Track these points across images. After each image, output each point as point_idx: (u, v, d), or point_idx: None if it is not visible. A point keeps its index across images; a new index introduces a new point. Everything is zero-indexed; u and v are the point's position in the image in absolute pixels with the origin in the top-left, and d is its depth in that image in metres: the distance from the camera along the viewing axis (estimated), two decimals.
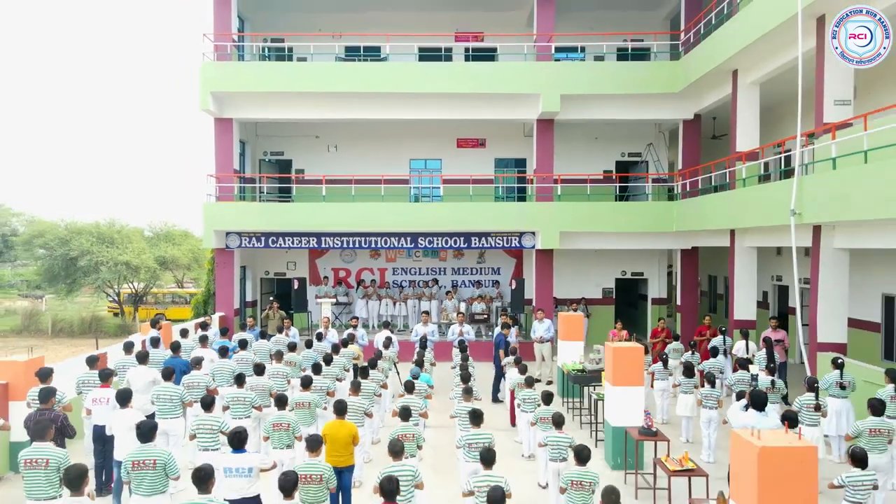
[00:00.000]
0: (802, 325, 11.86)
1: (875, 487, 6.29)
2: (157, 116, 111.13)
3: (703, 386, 9.99)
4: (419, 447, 7.71)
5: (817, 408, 8.55)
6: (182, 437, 8.58)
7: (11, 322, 43.17)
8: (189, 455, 8.87)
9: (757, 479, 4.94)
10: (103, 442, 8.30)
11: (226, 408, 8.87)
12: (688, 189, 17.42)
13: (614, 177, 20.02)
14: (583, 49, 19.95)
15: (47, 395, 7.55)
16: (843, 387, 9.53)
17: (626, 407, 9.32)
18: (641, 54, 19.62)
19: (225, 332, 13.12)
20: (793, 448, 4.98)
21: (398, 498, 5.39)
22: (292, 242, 18.54)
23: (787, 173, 12.55)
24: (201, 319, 15.14)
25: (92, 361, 9.63)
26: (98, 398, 8.47)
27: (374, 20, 20.13)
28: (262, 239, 18.28)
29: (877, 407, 7.52)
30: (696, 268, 18.79)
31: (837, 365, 9.73)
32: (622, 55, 19.58)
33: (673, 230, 17.52)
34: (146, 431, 6.20)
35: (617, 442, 9.40)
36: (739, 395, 8.70)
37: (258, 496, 6.16)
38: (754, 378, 9.63)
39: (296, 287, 19.38)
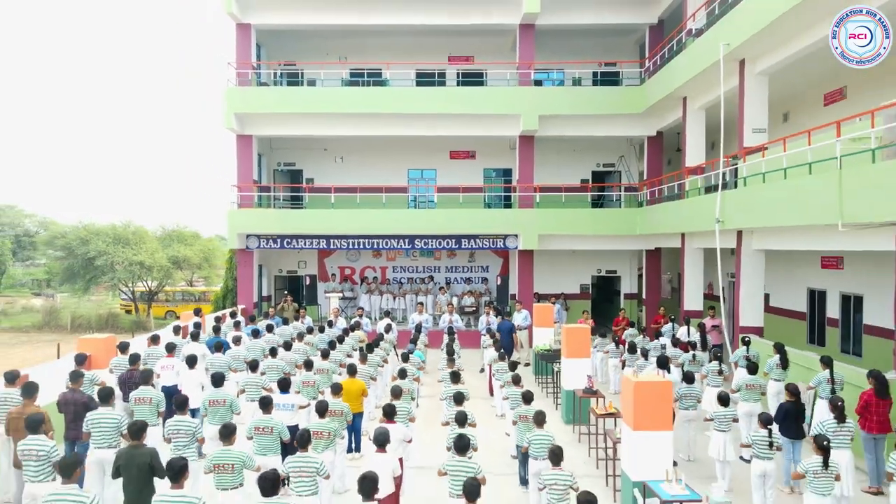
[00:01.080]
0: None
1: (735, 420, 8.82)
2: (164, 123, 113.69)
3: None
4: (412, 399, 10.26)
5: (720, 372, 11.11)
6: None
7: (30, 319, 45.49)
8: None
9: (633, 402, 7.50)
10: (169, 397, 10.83)
11: (263, 373, 11.39)
12: (647, 197, 19.96)
13: (588, 186, 22.54)
14: (561, 70, 22.53)
15: (135, 360, 10.13)
16: (748, 359, 12.05)
17: (575, 374, 11.87)
18: (613, 79, 22.16)
19: (253, 319, 15.69)
20: (655, 382, 7.54)
21: (396, 418, 7.94)
22: (304, 244, 21.10)
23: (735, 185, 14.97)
24: (231, 310, 17.71)
25: (155, 339, 12.19)
26: (165, 365, 11.02)
27: (377, 45, 22.67)
28: (278, 241, 20.82)
29: (751, 368, 10.09)
30: (659, 266, 21.36)
31: (745, 342, 12.29)
32: (596, 80, 22.14)
33: (637, 233, 20.06)
34: (218, 379, 8.80)
35: (568, 401, 11.97)
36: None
37: (297, 424, 8.70)
38: (663, 347, 12.17)
39: (307, 283, 21.99)
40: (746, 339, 12.36)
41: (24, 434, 7.12)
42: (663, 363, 9.97)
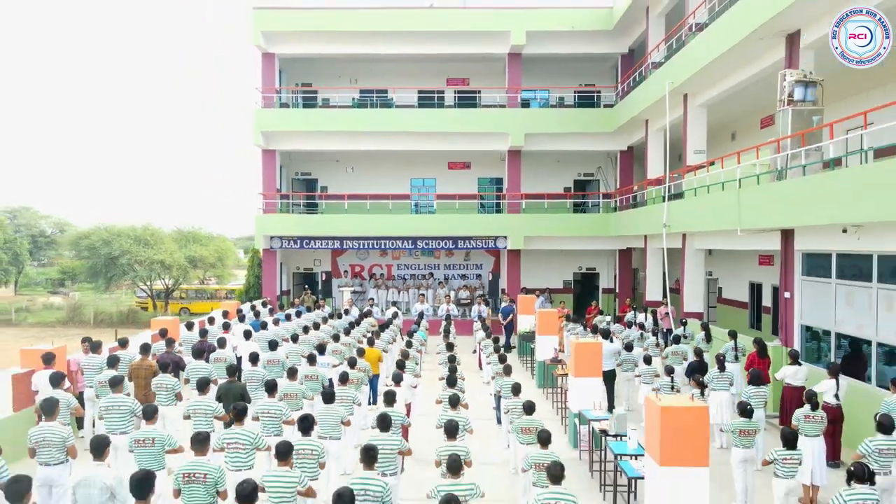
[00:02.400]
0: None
1: (657, 376, 11.88)
2: (164, 124, 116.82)
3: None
4: (416, 364, 13.33)
5: (657, 345, 14.19)
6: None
7: (53, 315, 48.27)
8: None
9: (574, 358, 10.58)
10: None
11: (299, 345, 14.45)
12: (618, 204, 23.05)
13: (567, 194, 25.62)
14: (546, 91, 25.62)
15: (204, 333, 13.24)
16: (685, 336, 15.13)
17: (546, 348, 14.94)
18: (592, 100, 25.24)
19: (282, 307, 18.77)
20: (589, 343, 10.63)
21: (405, 370, 11.01)
22: (320, 244, 24.19)
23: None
24: (261, 300, 20.83)
25: (211, 320, 15.29)
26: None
27: (383, 69, 25.69)
28: (298, 241, 23.91)
29: (675, 339, 13.18)
30: (631, 264, 24.47)
31: (682, 323, 15.37)
32: (577, 100, 25.24)
33: (611, 235, 23.13)
34: (273, 344, 11.88)
35: (541, 370, 15.05)
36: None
37: (331, 378, 11.77)
38: (608, 324, 15.27)
39: (323, 279, 25.10)
40: (683, 321, 15.45)
41: (143, 380, 10.20)
42: (606, 335, 13.05)
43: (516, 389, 9.65)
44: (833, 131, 9.94)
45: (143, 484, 4.82)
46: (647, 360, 11.92)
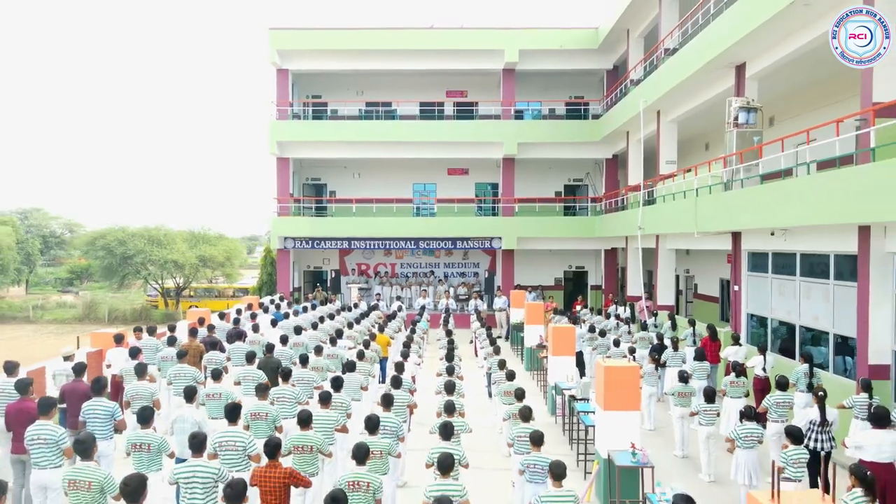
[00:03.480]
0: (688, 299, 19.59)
1: (624, 356, 13.95)
2: (162, 125, 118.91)
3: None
4: (420, 347, 15.42)
5: (629, 332, 16.28)
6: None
7: (67, 313, 50.07)
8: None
9: (551, 340, 12.67)
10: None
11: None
12: (603, 209, 25.15)
13: (557, 198, 27.72)
14: (538, 102, 27.73)
15: (237, 322, 15.31)
16: (655, 325, 17.22)
17: (533, 335, 17.03)
18: (581, 111, 27.33)
19: (297, 301, 20.86)
20: (563, 328, 12.72)
21: (410, 352, 13.10)
22: (330, 245, 26.28)
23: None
24: (278, 295, 22.95)
25: (239, 311, 17.38)
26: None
27: (388, 82, 27.75)
28: (310, 242, 26.00)
29: (644, 327, 15.26)
30: (616, 263, 26.57)
31: (653, 314, 17.47)
32: (568, 111, 27.35)
33: (596, 236, 25.22)
34: (298, 330, 13.98)
35: (528, 354, 17.15)
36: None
37: (348, 358, 13.84)
38: (578, 312, 17.37)
39: (332, 276, 27.22)
40: (655, 312, 17.56)
41: (191, 357, 12.29)
42: (574, 321, 15.20)
43: (502, 364, 11.75)
44: (763, 151, 12.02)
45: (235, 411, 6.93)
46: (616, 344, 14.04)
